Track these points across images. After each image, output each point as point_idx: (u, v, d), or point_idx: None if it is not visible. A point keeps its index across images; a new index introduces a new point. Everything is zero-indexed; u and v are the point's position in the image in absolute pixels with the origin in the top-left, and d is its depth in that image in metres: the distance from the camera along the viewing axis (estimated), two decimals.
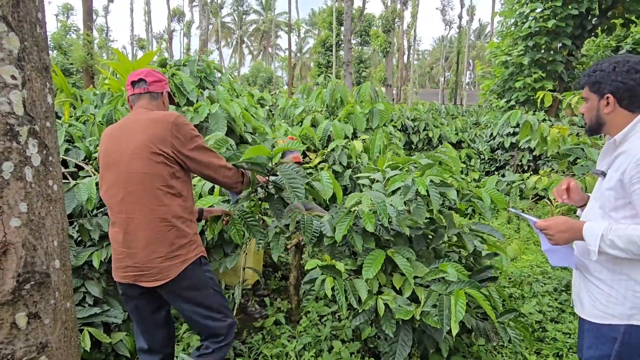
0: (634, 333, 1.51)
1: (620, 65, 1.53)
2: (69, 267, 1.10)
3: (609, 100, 1.55)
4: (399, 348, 1.90)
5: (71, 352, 1.06)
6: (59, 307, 1.05)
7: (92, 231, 2.73)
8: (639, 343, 1.50)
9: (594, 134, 1.67)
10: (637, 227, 1.41)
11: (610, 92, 1.54)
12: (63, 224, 1.05)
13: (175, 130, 1.81)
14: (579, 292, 1.70)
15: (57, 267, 1.04)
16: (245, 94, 4.68)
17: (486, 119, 10.07)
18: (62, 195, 1.06)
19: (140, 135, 1.82)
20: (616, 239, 1.43)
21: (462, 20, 39.57)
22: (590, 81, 1.60)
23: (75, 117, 4.76)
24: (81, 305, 2.60)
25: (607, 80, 1.55)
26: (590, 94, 1.62)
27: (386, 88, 26.34)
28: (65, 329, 1.06)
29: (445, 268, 1.97)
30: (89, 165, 3.26)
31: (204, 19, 39.81)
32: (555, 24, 8.69)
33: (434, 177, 2.10)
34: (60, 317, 1.05)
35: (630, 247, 1.40)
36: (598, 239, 1.46)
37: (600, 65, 1.59)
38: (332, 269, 1.92)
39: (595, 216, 1.61)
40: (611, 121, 1.58)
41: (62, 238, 1.05)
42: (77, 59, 14.95)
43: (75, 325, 1.11)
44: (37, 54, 1.00)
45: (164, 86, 2.07)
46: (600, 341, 1.58)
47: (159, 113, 1.90)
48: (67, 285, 1.08)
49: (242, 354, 2.80)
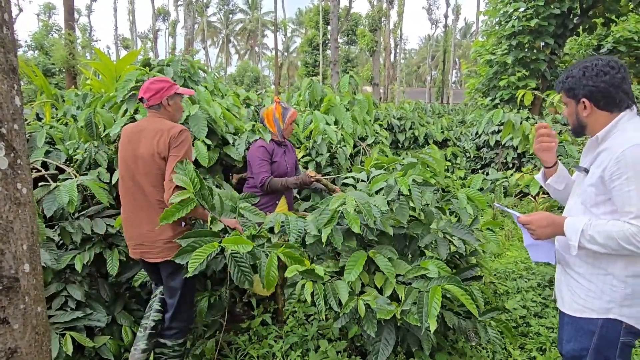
0: (611, 326, 1.53)
1: (589, 70, 1.56)
2: (39, 271, 1.08)
3: (585, 104, 1.58)
4: (381, 347, 1.90)
5: (42, 357, 1.04)
6: (29, 312, 1.03)
7: (74, 234, 2.69)
8: (616, 336, 1.53)
9: (580, 135, 1.70)
10: (616, 223, 1.44)
11: (584, 96, 1.58)
12: (33, 227, 1.03)
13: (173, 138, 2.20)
14: (560, 286, 1.74)
15: (27, 271, 1.02)
16: (230, 93, 4.64)
17: (472, 118, 10.17)
18: (31, 198, 1.03)
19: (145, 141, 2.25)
20: (596, 234, 1.46)
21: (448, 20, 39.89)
22: (564, 87, 1.64)
23: (56, 118, 4.68)
24: (63, 310, 2.56)
25: (579, 85, 1.58)
26: (568, 99, 1.65)
27: (373, 87, 26.41)
28: (36, 333, 1.04)
29: (427, 265, 1.98)
30: (70, 168, 3.21)
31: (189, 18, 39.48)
32: (538, 23, 8.81)
33: (417, 176, 2.11)
34: (31, 322, 1.04)
35: (609, 243, 1.43)
36: (578, 234, 1.49)
37: (571, 71, 1.63)
38: (312, 273, 1.91)
39: (577, 212, 1.64)
40: (592, 122, 1.61)
41: (32, 242, 1.03)
42: (58, 59, 14.69)
43: (47, 330, 1.09)
44: (3, 55, 0.97)
45: (162, 96, 2.31)
46: (579, 334, 1.61)
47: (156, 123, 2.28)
48: (38, 289, 1.06)
49: (228, 354, 2.79)
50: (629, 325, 1.52)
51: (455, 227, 2.26)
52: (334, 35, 17.16)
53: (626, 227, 1.41)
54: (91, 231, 2.73)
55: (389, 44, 35.63)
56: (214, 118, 3.25)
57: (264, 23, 52.15)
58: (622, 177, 1.43)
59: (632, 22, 10.39)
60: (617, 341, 1.53)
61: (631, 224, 1.41)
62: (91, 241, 2.79)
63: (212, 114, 3.23)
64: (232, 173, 3.56)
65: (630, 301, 1.50)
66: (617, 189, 1.44)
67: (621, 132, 1.51)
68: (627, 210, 1.43)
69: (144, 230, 2.28)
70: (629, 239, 1.40)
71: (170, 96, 2.35)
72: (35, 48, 19.39)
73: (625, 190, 1.42)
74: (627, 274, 1.50)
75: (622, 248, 1.42)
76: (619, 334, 1.53)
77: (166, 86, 2.34)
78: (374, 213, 1.94)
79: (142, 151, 2.25)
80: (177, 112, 2.44)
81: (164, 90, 2.33)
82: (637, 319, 1.52)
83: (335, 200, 2.06)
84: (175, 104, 2.40)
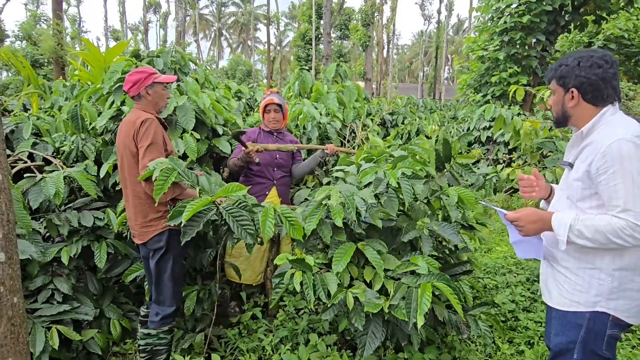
0: (598, 319, 1.55)
1: (584, 60, 1.56)
2: (16, 261, 1.04)
3: (573, 94, 1.58)
4: (368, 340, 1.90)
5: (19, 349, 1.01)
6: (4, 302, 1.00)
7: (61, 226, 2.65)
8: (602, 329, 1.55)
9: (561, 126, 1.70)
10: (604, 217, 1.45)
11: (574, 86, 1.57)
12: (9, 216, 0.99)
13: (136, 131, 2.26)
14: (547, 280, 1.74)
15: (2, 260, 0.98)
16: (222, 86, 4.59)
17: (463, 113, 10.20)
18: (7, 185, 1.00)
19: (122, 134, 2.34)
20: (584, 228, 1.46)
21: (440, 16, 39.94)
22: (556, 75, 1.64)
23: (44, 109, 4.60)
24: (49, 303, 2.52)
25: (571, 74, 1.58)
26: (557, 87, 1.65)
27: (366, 82, 26.38)
28: (12, 325, 1.00)
29: (416, 261, 1.97)
30: (57, 159, 3.15)
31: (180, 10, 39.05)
32: (529, 19, 8.85)
33: (406, 169, 2.10)
34: (6, 313, 1.00)
35: (597, 237, 1.44)
36: (566, 229, 1.49)
37: (566, 59, 1.62)
38: (302, 262, 1.90)
39: (563, 206, 1.65)
40: (576, 114, 1.61)
41: (8, 230, 0.99)
42: (46, 49, 14.44)
43: (24, 321, 1.06)
44: None
45: (139, 87, 2.36)
46: (567, 328, 1.62)
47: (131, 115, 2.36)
48: (14, 279, 1.02)
49: (217, 348, 2.77)
50: (616, 317, 1.53)
51: (442, 226, 2.22)
52: (326, 29, 17.09)
53: (614, 221, 1.41)
54: (78, 224, 2.69)
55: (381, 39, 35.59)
56: (203, 109, 3.20)
57: (256, 16, 51.80)
58: (608, 171, 1.43)
59: (622, 20, 10.48)
60: (604, 334, 1.55)
61: (619, 218, 1.41)
62: (78, 234, 2.75)
63: (200, 105, 3.19)
64: (222, 167, 3.53)
65: (617, 294, 1.52)
66: (604, 183, 1.45)
67: (606, 126, 1.52)
68: (614, 204, 1.43)
69: (129, 215, 2.44)
70: (617, 232, 1.40)
71: (148, 86, 2.38)
72: (22, 38, 19.00)
73: (612, 184, 1.43)
74: (613, 267, 1.51)
75: (610, 242, 1.43)
76: (605, 327, 1.54)
77: (143, 77, 2.37)
78: (359, 205, 1.93)
79: (119, 144, 2.37)
80: (160, 100, 2.45)
81: (142, 81, 2.37)
82: (623, 312, 1.53)
83: (320, 192, 2.04)
84: (156, 92, 2.41)
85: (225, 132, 3.43)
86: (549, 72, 1.70)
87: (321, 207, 1.99)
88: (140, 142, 2.26)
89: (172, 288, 2.44)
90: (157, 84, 2.41)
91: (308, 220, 1.95)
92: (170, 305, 2.45)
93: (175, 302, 2.47)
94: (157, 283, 2.43)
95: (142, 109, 2.40)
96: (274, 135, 3.23)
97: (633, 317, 1.55)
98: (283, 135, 3.29)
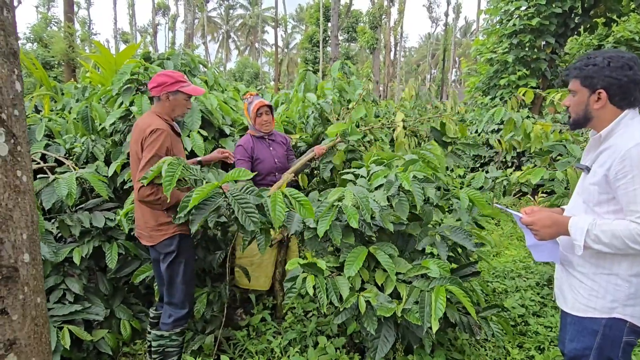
0: (614, 326, 1.52)
1: (615, 61, 1.48)
2: (39, 261, 1.06)
3: (600, 96, 1.51)
4: (380, 344, 1.89)
5: (42, 349, 1.02)
6: (29, 303, 1.01)
7: (73, 227, 2.67)
8: (619, 335, 1.52)
9: (579, 127, 1.64)
10: (621, 222, 1.42)
11: (603, 87, 1.50)
12: (33, 217, 1.01)
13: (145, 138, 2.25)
14: (561, 285, 1.71)
15: (27, 261, 1.00)
16: (230, 88, 4.61)
17: (471, 116, 10.15)
18: (31, 186, 1.01)
19: (134, 136, 2.34)
20: (601, 233, 1.43)
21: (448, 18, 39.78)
22: (582, 74, 1.54)
23: (55, 111, 4.65)
24: (61, 303, 2.55)
25: (600, 75, 1.49)
26: (581, 87, 1.56)
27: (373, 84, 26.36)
28: (35, 325, 1.02)
29: (428, 264, 1.96)
30: (69, 160, 3.18)
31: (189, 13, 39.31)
32: (539, 22, 8.79)
33: (417, 172, 2.09)
34: (30, 313, 1.01)
35: (614, 242, 1.41)
36: (583, 233, 1.46)
37: (594, 59, 1.52)
38: (314, 266, 1.90)
39: (579, 211, 1.62)
40: (599, 116, 1.54)
41: (32, 231, 1.01)
42: (58, 51, 14.61)
43: (46, 321, 1.07)
44: (3, 38, 0.95)
45: (162, 90, 2.35)
46: (582, 334, 1.59)
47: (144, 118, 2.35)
48: (38, 279, 1.04)
49: (227, 350, 2.78)
50: (632, 324, 1.51)
51: (454, 230, 2.22)
52: (334, 32, 17.12)
53: (632, 227, 1.39)
54: (90, 224, 2.71)
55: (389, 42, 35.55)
56: (210, 110, 3.22)
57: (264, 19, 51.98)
58: (627, 176, 1.40)
59: (633, 22, 10.37)
60: (620, 340, 1.53)
61: (637, 223, 1.39)
62: (90, 234, 2.77)
63: (208, 106, 3.21)
64: (230, 168, 3.54)
65: (634, 300, 1.50)
66: (622, 187, 1.42)
67: (625, 131, 1.48)
68: (633, 209, 1.41)
69: (138, 215, 2.46)
70: (635, 238, 1.38)
71: (171, 91, 2.35)
72: (34, 40, 19.23)
73: (631, 189, 1.40)
74: (631, 273, 1.49)
75: (627, 247, 1.40)
76: (622, 333, 1.52)
77: (170, 81, 2.34)
78: (373, 207, 1.92)
79: (131, 144, 2.38)
80: (176, 108, 2.41)
81: (167, 85, 2.34)
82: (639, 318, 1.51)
83: (333, 193, 2.04)
84: (176, 100, 2.38)
85: (232, 133, 3.45)
86: (571, 71, 1.59)
87: (333, 208, 1.99)
88: (144, 151, 2.24)
89: (184, 291, 2.44)
90: (180, 93, 2.38)
91: (320, 221, 1.94)
92: (183, 307, 2.45)
93: (187, 305, 2.47)
94: (170, 286, 2.43)
95: (157, 113, 2.38)
96: (266, 140, 3.10)
97: None
98: (274, 137, 3.18)
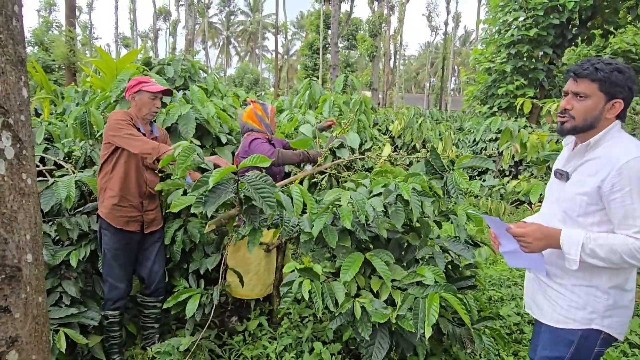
0: (590, 336, 1.51)
1: (630, 72, 1.43)
2: (41, 262, 1.08)
3: (615, 105, 1.45)
4: (374, 351, 1.89)
5: (42, 347, 1.05)
6: (30, 302, 1.04)
7: (71, 230, 2.68)
8: (592, 346, 1.51)
9: (570, 133, 1.54)
10: (617, 237, 1.39)
11: (622, 98, 1.44)
12: (36, 218, 1.04)
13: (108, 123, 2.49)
14: (534, 295, 1.68)
15: (29, 261, 1.03)
16: (230, 94, 4.65)
17: (469, 125, 10.23)
18: (35, 189, 1.04)
19: None
20: (597, 248, 1.39)
21: (447, 27, 40.12)
22: (604, 79, 1.42)
23: (55, 115, 4.67)
24: (57, 306, 2.55)
25: (624, 84, 1.42)
26: (597, 92, 1.45)
27: (372, 92, 26.49)
28: (36, 323, 1.05)
29: (423, 272, 1.97)
30: (68, 164, 3.20)
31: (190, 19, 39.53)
32: (537, 32, 8.89)
33: (416, 184, 2.11)
34: (32, 312, 1.04)
35: (611, 257, 1.37)
36: (579, 248, 1.41)
37: (617, 65, 1.43)
38: (310, 271, 1.91)
39: (557, 221, 1.56)
40: (602, 126, 1.47)
41: (35, 232, 1.04)
42: (59, 55, 14.67)
43: (46, 320, 1.09)
44: (12, 47, 0.98)
45: (128, 93, 2.63)
46: (557, 343, 1.57)
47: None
48: (39, 279, 1.07)
49: (222, 355, 2.78)
50: (607, 335, 1.50)
51: (452, 242, 2.23)
52: (334, 39, 17.24)
53: (630, 241, 1.36)
54: (88, 228, 2.72)
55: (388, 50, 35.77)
56: (207, 118, 3.23)
57: (264, 25, 52.30)
58: (624, 189, 1.36)
59: (630, 34, 10.50)
60: (592, 351, 1.51)
61: (635, 238, 1.36)
62: (87, 238, 2.78)
63: (204, 114, 3.22)
64: None
65: (612, 311, 1.48)
66: (619, 201, 1.37)
67: (616, 142, 1.44)
68: (630, 223, 1.37)
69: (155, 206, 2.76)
70: (633, 253, 1.35)
71: (135, 92, 2.60)
72: (35, 44, 19.31)
73: (628, 203, 1.36)
74: (610, 285, 1.47)
75: (623, 262, 1.37)
76: (595, 344, 1.51)
77: (134, 84, 2.62)
78: (368, 211, 1.93)
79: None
80: (143, 107, 2.61)
81: (131, 87, 2.62)
82: (615, 328, 1.50)
83: (330, 193, 2.05)
84: (141, 100, 2.60)
85: (229, 141, 3.45)
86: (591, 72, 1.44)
87: (329, 210, 2.00)
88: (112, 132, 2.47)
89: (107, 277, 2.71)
90: (143, 92, 2.59)
91: (316, 222, 1.95)
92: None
93: None
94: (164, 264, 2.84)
95: (129, 112, 2.59)
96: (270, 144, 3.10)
97: (622, 333, 1.52)
98: (273, 141, 3.19)
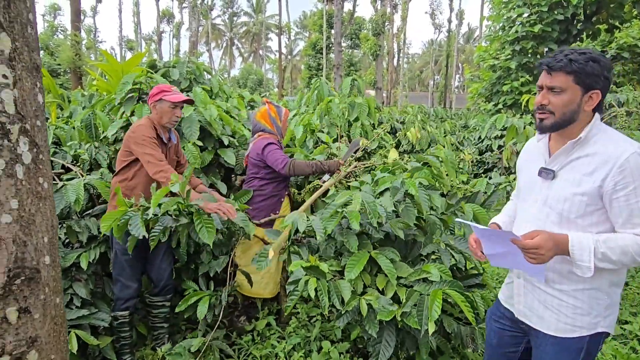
0: (597, 340, 1.46)
1: (605, 60, 1.34)
2: (58, 264, 1.12)
3: (593, 97, 1.35)
4: (382, 349, 1.89)
5: (60, 347, 1.08)
6: (49, 302, 1.07)
7: (81, 233, 2.72)
8: (597, 347, 1.47)
9: (550, 131, 1.44)
10: (626, 237, 1.33)
11: (600, 88, 1.34)
12: (53, 221, 1.07)
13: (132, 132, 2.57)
14: (530, 303, 1.54)
15: (47, 262, 1.06)
16: (235, 95, 4.67)
17: (474, 122, 10.19)
18: (51, 192, 1.08)
19: None
20: (608, 251, 1.31)
21: (451, 24, 39.95)
22: (577, 70, 1.33)
23: (62, 118, 4.73)
24: (68, 307, 2.58)
25: (600, 74, 1.33)
26: (573, 85, 1.35)
27: (376, 91, 26.48)
28: (54, 324, 1.08)
29: (429, 269, 1.98)
30: (76, 167, 3.24)
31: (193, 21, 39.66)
32: (541, 28, 8.86)
33: (423, 179, 2.11)
34: (50, 312, 1.07)
35: (623, 259, 1.31)
36: (592, 253, 1.31)
37: (591, 55, 1.34)
38: (316, 269, 1.93)
39: (550, 223, 1.45)
40: (582, 120, 1.38)
41: (52, 235, 1.07)
42: (64, 59, 14.81)
43: (64, 321, 1.13)
44: (27, 54, 1.02)
45: (150, 101, 2.67)
46: (566, 354, 1.47)
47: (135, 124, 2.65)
48: (57, 281, 1.10)
49: (231, 355, 2.80)
50: (607, 333, 1.46)
51: (459, 240, 2.22)
52: (337, 39, 17.24)
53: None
54: (97, 230, 2.76)
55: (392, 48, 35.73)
56: (209, 121, 3.26)
57: (268, 26, 52.39)
58: (628, 186, 1.29)
59: (635, 29, 10.41)
60: (596, 352, 1.48)
61: None
62: (96, 240, 2.82)
63: (207, 117, 3.24)
64: (235, 174, 3.58)
65: (610, 310, 1.44)
66: (623, 199, 1.30)
67: (606, 137, 1.37)
68: (636, 222, 1.31)
69: None
70: None
71: (157, 101, 2.64)
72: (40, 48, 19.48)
73: (634, 201, 1.30)
74: (609, 284, 1.42)
75: (634, 262, 1.31)
76: (599, 345, 1.47)
77: (156, 92, 2.67)
78: (380, 212, 1.94)
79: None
80: (163, 115, 2.65)
81: (153, 95, 2.67)
82: (612, 326, 1.46)
83: (341, 196, 2.07)
84: (162, 108, 2.64)
85: (232, 143, 3.45)
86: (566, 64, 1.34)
87: (339, 213, 2.02)
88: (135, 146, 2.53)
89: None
90: (164, 101, 2.63)
91: (326, 223, 1.97)
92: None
93: None
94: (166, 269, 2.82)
95: (150, 118, 2.67)
96: None
97: (614, 327, 1.48)
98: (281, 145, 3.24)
